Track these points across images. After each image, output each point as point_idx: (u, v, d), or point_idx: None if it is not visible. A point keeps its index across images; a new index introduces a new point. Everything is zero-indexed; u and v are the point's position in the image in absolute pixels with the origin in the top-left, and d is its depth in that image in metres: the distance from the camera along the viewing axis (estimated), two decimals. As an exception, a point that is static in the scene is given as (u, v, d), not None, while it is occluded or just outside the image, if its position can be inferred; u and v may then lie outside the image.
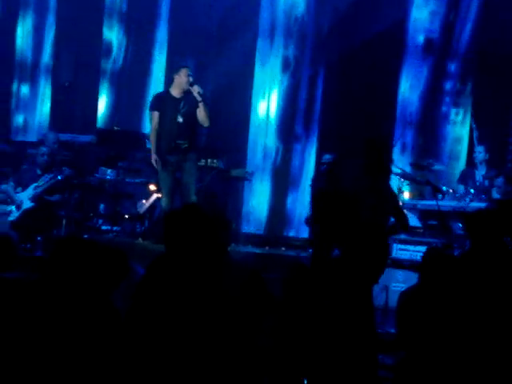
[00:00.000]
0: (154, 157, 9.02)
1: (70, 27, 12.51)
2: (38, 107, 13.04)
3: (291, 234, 11.91)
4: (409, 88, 11.52)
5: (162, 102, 9.08)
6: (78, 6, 12.41)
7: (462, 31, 11.34)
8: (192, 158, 9.06)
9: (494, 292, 4.38)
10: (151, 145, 9.12)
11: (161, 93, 9.83)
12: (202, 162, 10.25)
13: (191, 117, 8.96)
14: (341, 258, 6.56)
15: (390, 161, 6.91)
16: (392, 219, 6.89)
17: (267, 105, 12.16)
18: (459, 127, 11.47)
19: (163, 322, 4.19)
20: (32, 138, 12.53)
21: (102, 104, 12.87)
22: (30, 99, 13.09)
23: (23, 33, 13.03)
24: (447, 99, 11.48)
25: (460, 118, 11.49)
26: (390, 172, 6.89)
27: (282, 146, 12.06)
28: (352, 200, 6.65)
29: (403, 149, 11.31)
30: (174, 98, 9.01)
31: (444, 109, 11.48)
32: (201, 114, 8.88)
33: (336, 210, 6.68)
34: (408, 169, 10.42)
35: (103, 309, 3.98)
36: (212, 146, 10.47)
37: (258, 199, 12.02)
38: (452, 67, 11.43)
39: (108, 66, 12.96)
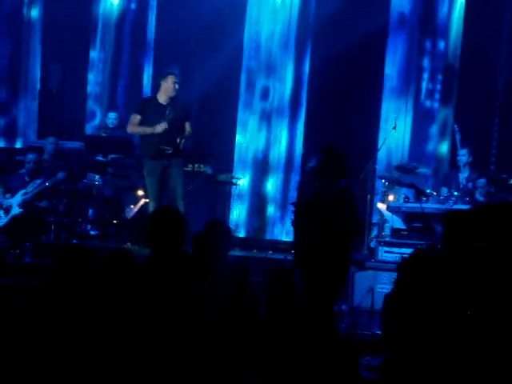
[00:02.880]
0: (162, 125, 8.96)
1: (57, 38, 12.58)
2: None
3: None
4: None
5: (148, 106, 9.17)
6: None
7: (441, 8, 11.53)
8: (177, 163, 9.11)
9: (472, 293, 4.49)
10: (141, 130, 9.12)
11: (148, 97, 9.93)
12: (189, 167, 10.36)
13: (176, 123, 9.04)
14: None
15: (343, 168, 7.04)
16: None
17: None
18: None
19: (151, 322, 4.28)
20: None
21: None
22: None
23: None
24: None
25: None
26: (343, 177, 7.01)
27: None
28: (323, 206, 6.82)
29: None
30: (160, 104, 9.08)
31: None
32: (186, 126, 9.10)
33: (310, 217, 6.87)
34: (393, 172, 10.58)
35: (102, 309, 4.10)
36: (199, 151, 10.54)
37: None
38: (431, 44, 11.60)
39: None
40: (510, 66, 11.03)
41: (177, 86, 9.09)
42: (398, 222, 9.86)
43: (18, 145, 12.64)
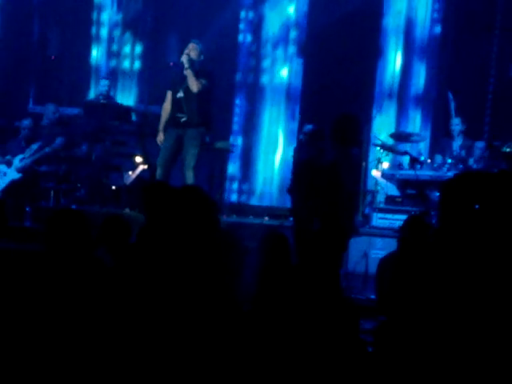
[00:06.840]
0: (159, 135, 9.27)
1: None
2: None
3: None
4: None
5: (176, 79, 9.32)
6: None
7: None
8: (191, 136, 9.18)
9: (469, 258, 4.59)
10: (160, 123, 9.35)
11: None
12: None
13: (192, 92, 9.11)
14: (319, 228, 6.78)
15: (358, 134, 7.12)
16: None
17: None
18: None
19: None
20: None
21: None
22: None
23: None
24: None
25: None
26: (358, 144, 7.11)
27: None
28: (331, 170, 6.87)
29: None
30: (182, 73, 9.20)
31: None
32: (188, 80, 9.07)
33: (313, 180, 6.91)
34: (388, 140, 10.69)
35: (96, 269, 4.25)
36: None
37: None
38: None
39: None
40: (504, 33, 11.06)
41: (192, 55, 9.16)
42: (392, 189, 10.00)
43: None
